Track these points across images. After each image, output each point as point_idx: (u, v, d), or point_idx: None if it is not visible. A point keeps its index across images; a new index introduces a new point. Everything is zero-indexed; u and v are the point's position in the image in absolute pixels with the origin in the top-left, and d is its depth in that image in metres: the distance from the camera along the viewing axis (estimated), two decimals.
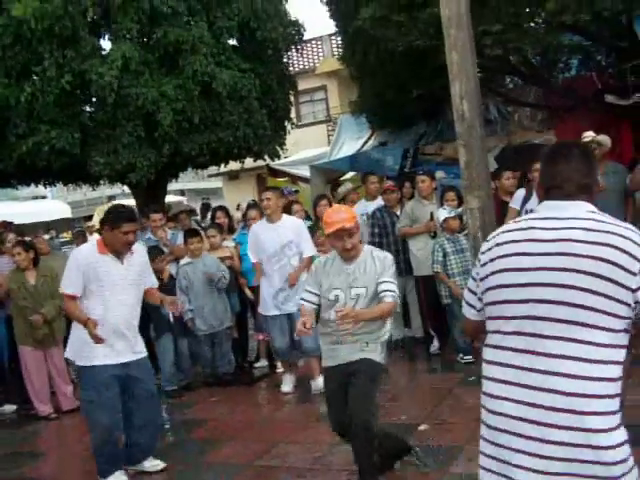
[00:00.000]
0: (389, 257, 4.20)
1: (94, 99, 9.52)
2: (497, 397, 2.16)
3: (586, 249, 2.06)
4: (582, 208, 2.21)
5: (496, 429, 2.16)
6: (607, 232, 2.08)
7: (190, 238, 7.53)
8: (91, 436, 5.04)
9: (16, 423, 7.30)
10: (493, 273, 2.24)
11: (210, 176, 28.82)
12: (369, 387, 4.16)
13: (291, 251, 6.82)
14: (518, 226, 2.27)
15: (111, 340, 4.85)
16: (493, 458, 2.17)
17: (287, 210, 7.84)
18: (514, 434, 2.10)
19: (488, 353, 2.25)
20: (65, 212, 21.81)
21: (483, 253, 2.30)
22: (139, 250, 5.16)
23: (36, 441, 6.69)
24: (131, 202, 18.52)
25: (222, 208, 8.56)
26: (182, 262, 7.60)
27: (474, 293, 2.37)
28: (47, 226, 18.05)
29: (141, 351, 5.13)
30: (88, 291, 4.83)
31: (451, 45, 2.90)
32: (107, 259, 4.85)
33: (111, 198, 29.12)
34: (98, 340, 4.74)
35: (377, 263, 4.12)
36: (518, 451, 2.09)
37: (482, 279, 2.29)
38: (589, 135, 7.31)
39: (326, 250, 6.16)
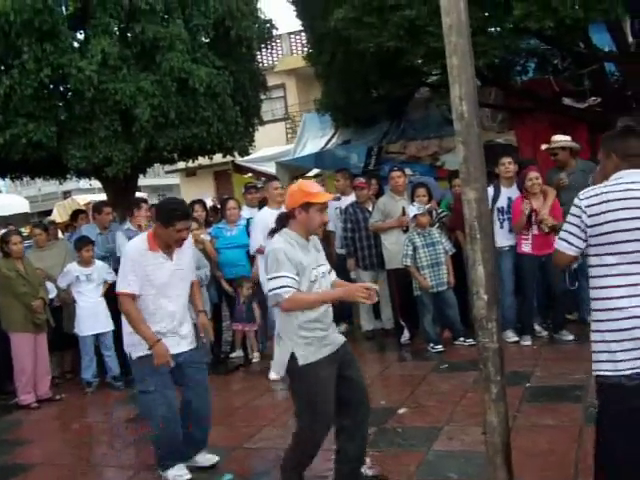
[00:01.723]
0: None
1: (71, 93, 9.59)
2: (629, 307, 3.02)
3: None
4: None
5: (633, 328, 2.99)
6: None
7: None
8: (151, 428, 4.85)
9: None
10: (605, 223, 3.05)
11: (167, 172, 28.72)
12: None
13: None
14: (616, 188, 3.09)
15: (163, 334, 4.72)
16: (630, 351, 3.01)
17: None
18: None
19: (609, 280, 3.08)
20: (24, 207, 21.53)
21: (589, 207, 3.10)
22: (186, 240, 4.94)
23: (21, 429, 6.74)
24: (90, 197, 18.53)
25: (200, 202, 8.74)
26: None
27: (578, 237, 3.17)
28: (5, 220, 17.84)
29: (192, 342, 4.95)
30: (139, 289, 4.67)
31: (451, 51, 3.15)
32: (157, 256, 4.68)
33: (66, 193, 28.86)
34: (168, 364, 4.67)
35: (317, 241, 4.12)
36: None
37: (591, 226, 3.09)
38: (561, 139, 7.68)
39: None
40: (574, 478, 4.03)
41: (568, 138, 7.76)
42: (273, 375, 7.03)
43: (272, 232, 4.04)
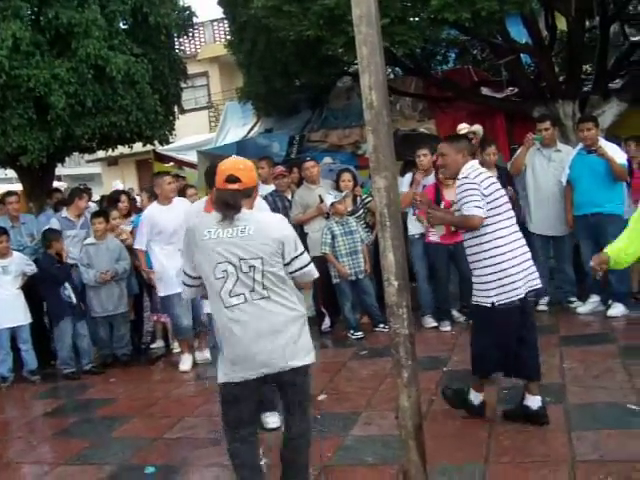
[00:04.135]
0: None
1: None
2: (519, 246, 4.51)
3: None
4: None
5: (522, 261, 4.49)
6: None
7: (94, 218, 7.57)
8: None
9: None
10: (494, 192, 4.46)
11: (89, 162, 28.13)
12: None
13: None
14: (483, 172, 4.57)
15: None
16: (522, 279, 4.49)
17: (182, 194, 8.02)
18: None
19: (504, 231, 4.48)
20: None
21: (481, 183, 4.47)
22: None
23: None
24: (7, 187, 17.92)
25: (124, 192, 8.61)
26: (86, 241, 7.64)
27: (481, 205, 4.39)
28: None
29: None
30: None
31: (361, 41, 3.17)
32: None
33: None
34: None
35: None
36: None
37: (489, 194, 4.43)
38: (465, 127, 7.96)
39: None
40: (485, 457, 4.15)
41: (471, 126, 8.00)
42: (184, 367, 7.16)
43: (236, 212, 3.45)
